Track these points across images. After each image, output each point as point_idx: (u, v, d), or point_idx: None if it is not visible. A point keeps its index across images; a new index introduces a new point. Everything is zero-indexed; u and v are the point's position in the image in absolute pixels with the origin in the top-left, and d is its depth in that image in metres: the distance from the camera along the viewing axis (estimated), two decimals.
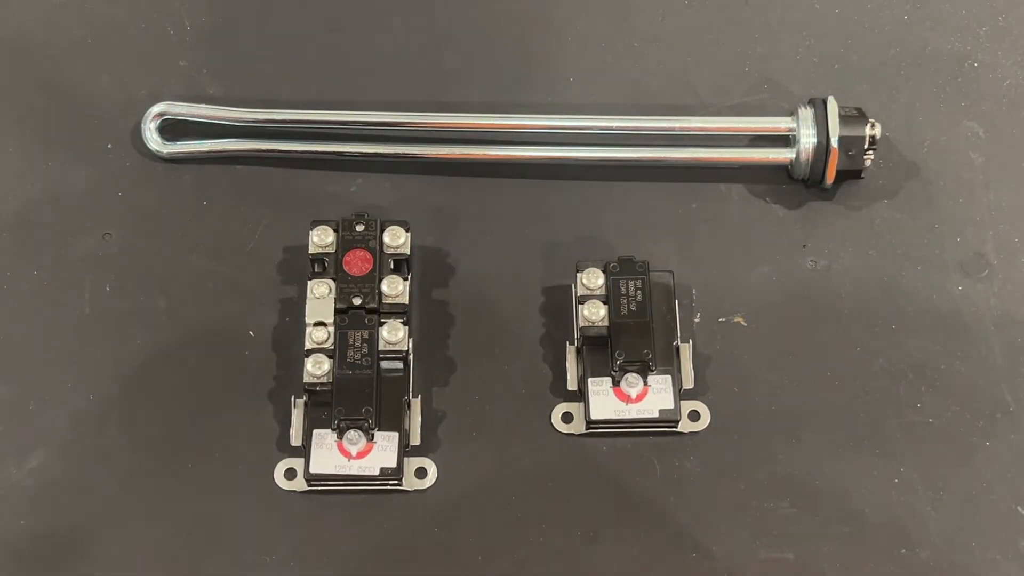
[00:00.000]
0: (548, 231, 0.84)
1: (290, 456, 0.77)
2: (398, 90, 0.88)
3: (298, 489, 0.77)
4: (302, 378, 0.77)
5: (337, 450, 0.76)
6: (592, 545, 0.76)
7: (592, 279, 0.79)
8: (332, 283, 0.79)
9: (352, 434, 0.76)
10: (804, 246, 0.84)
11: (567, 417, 0.79)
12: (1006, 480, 0.78)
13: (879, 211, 0.85)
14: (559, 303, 0.82)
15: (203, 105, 0.86)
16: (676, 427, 0.78)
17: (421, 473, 0.78)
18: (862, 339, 0.81)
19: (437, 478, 0.77)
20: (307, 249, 0.80)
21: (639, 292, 0.79)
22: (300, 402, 0.77)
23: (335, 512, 0.77)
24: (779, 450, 0.78)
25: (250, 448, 0.78)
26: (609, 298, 0.79)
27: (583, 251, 0.82)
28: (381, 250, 0.80)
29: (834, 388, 0.80)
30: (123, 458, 0.78)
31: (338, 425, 0.76)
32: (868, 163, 0.83)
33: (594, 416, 0.78)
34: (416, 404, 0.78)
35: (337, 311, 0.78)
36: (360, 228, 0.80)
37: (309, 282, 0.80)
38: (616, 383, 0.78)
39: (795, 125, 0.84)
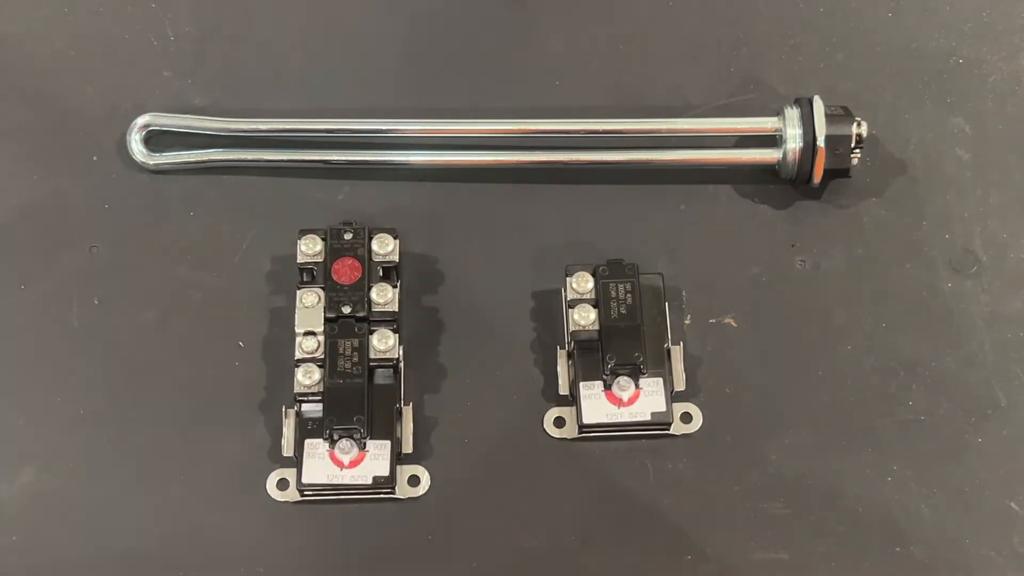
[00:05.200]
0: (537, 235, 0.84)
1: (282, 467, 0.77)
2: (384, 97, 0.88)
3: (291, 499, 0.77)
4: (293, 388, 0.77)
5: (329, 460, 0.76)
6: (586, 549, 0.76)
7: (581, 283, 0.79)
8: (321, 292, 0.79)
9: (344, 443, 0.76)
10: (793, 246, 0.84)
11: (559, 422, 0.79)
12: (998, 476, 0.78)
13: (867, 209, 0.85)
14: (549, 307, 0.82)
15: (189, 116, 0.86)
16: (668, 429, 0.78)
17: (414, 481, 0.77)
18: (852, 338, 0.81)
19: (430, 485, 0.77)
20: (295, 258, 0.80)
21: (629, 295, 0.79)
22: (291, 412, 0.77)
23: (329, 522, 0.77)
24: (772, 450, 0.78)
25: (242, 459, 0.78)
26: (599, 302, 0.79)
27: (572, 255, 0.82)
28: (370, 258, 0.80)
29: (825, 387, 0.80)
30: (114, 472, 0.78)
31: (330, 434, 0.76)
32: (855, 162, 0.83)
33: (586, 420, 0.78)
34: (408, 412, 0.78)
35: (327, 320, 0.78)
36: (348, 236, 0.80)
37: (298, 291, 0.79)
38: (608, 387, 0.78)
39: (781, 125, 0.84)
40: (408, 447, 0.78)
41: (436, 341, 0.81)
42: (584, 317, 0.78)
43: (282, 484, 0.77)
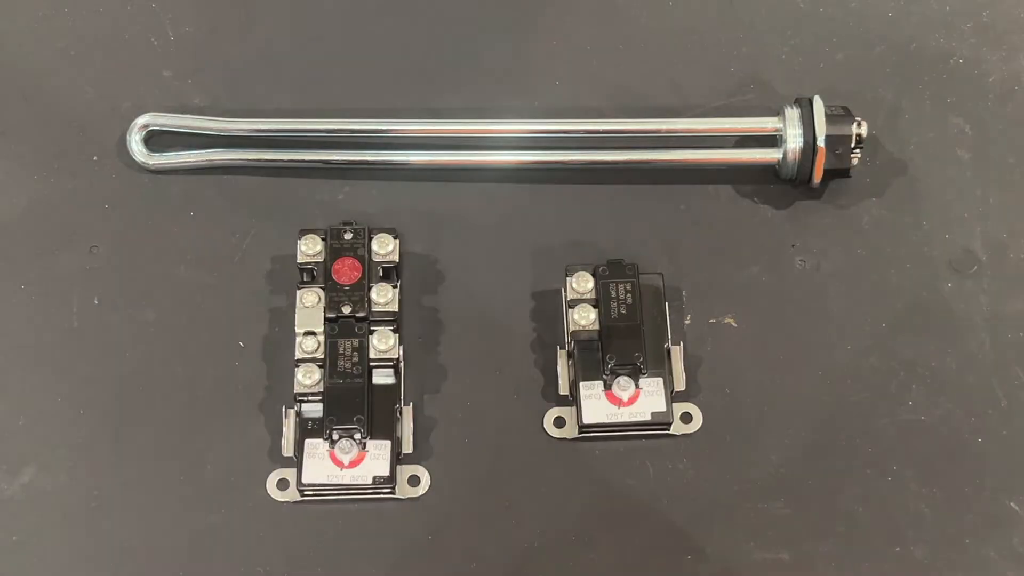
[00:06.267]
0: (537, 235, 0.84)
1: (282, 467, 0.77)
2: (383, 97, 0.88)
3: (291, 499, 0.77)
4: (293, 388, 0.77)
5: (329, 459, 0.76)
6: (586, 549, 0.76)
7: (582, 283, 0.79)
8: (321, 292, 0.79)
9: (344, 443, 0.76)
10: (793, 246, 0.84)
11: (559, 422, 0.79)
12: (999, 476, 0.78)
13: (867, 209, 0.85)
14: (549, 307, 0.82)
15: (189, 116, 0.86)
16: (668, 429, 0.78)
17: (414, 481, 0.77)
18: (852, 338, 0.81)
19: (430, 485, 0.77)
20: (295, 258, 0.80)
21: (629, 295, 0.79)
22: (291, 412, 0.77)
23: (329, 522, 0.77)
24: (772, 450, 0.78)
25: (242, 459, 0.78)
26: (599, 301, 0.79)
27: (572, 255, 0.82)
28: (370, 258, 0.80)
29: (825, 387, 0.80)
30: (114, 472, 0.78)
31: (330, 434, 0.76)
32: (855, 162, 0.83)
33: (586, 420, 0.78)
34: (408, 412, 0.78)
35: (327, 320, 0.78)
36: (348, 236, 0.80)
37: (298, 291, 0.79)
38: (608, 387, 0.78)
39: (781, 125, 0.84)
40: (408, 447, 0.78)
41: (436, 341, 0.81)
42: (584, 317, 0.78)
43: (282, 484, 0.77)
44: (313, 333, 0.78)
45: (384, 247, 0.80)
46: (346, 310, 0.78)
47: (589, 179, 0.86)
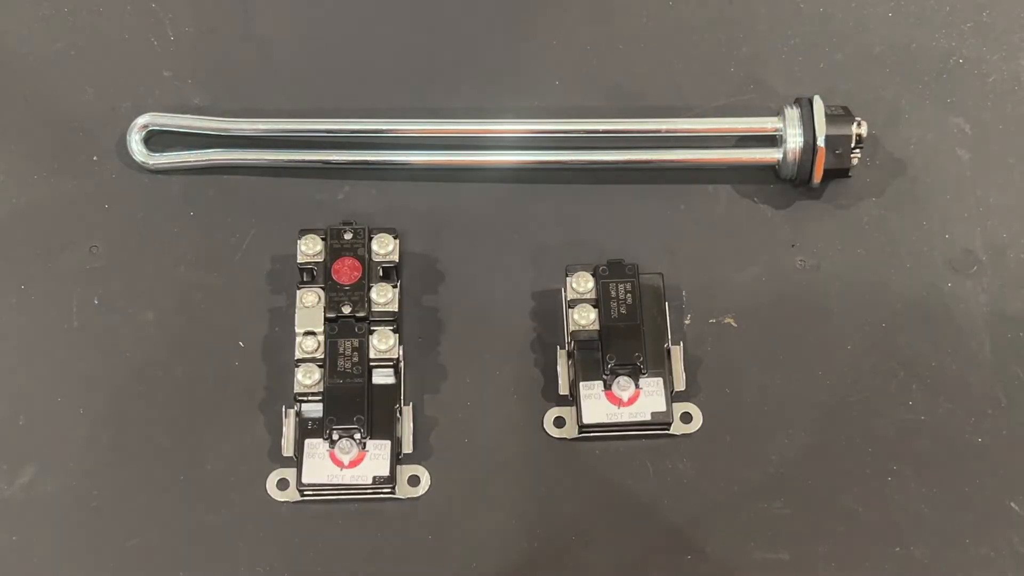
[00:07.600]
0: (537, 235, 0.84)
1: (282, 467, 0.77)
2: (383, 97, 0.88)
3: (291, 499, 0.77)
4: (293, 388, 0.77)
5: (329, 459, 0.76)
6: (586, 549, 0.76)
7: (582, 283, 0.79)
8: (321, 292, 0.79)
9: (344, 443, 0.76)
10: (793, 246, 0.84)
11: (559, 422, 0.79)
12: (998, 476, 0.78)
13: (867, 209, 0.85)
14: (549, 307, 0.82)
15: (188, 116, 0.86)
16: (668, 429, 0.78)
17: (414, 481, 0.78)
18: (852, 338, 0.81)
19: (430, 485, 0.77)
20: (295, 258, 0.80)
21: (629, 295, 0.79)
22: (291, 412, 0.77)
23: (328, 522, 0.77)
24: (772, 450, 0.78)
25: (242, 459, 0.78)
26: (599, 301, 0.79)
27: (572, 255, 0.82)
28: (370, 258, 0.80)
29: (825, 387, 0.80)
30: (114, 472, 0.78)
31: (330, 434, 0.76)
32: (855, 162, 0.83)
33: (586, 420, 0.78)
34: (408, 412, 0.78)
35: (327, 320, 0.78)
36: (348, 236, 0.80)
37: (298, 291, 0.79)
38: (608, 386, 0.78)
39: (781, 125, 0.84)
40: (408, 447, 0.78)
41: (436, 341, 0.81)
42: (584, 317, 0.78)
43: (282, 484, 0.77)
44: (313, 333, 0.78)
45: (384, 247, 0.80)
46: (346, 310, 0.78)
47: (589, 179, 0.86)
